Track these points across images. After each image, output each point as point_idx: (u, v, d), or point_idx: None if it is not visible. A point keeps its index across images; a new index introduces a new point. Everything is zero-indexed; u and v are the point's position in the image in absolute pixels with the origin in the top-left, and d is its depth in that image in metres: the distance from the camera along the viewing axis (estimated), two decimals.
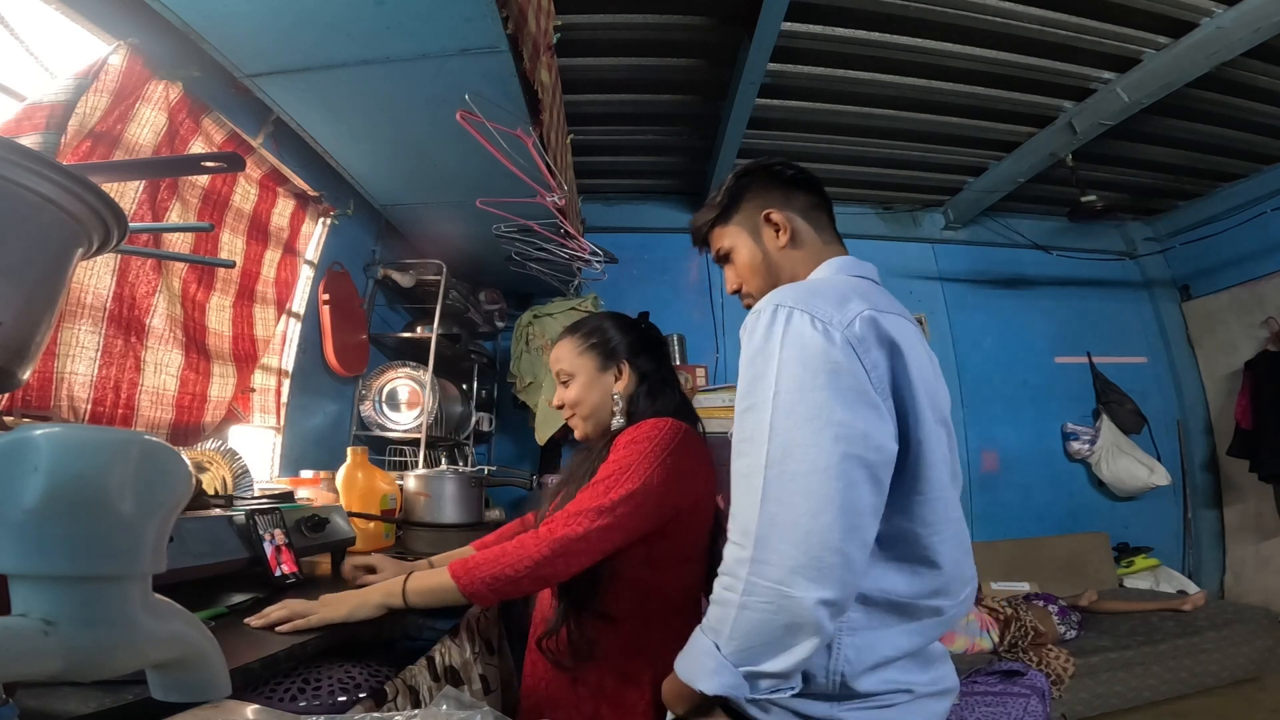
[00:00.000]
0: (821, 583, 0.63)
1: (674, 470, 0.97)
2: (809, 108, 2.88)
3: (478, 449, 3.34)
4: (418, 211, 2.42)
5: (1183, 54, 2.39)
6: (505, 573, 0.89)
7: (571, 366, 1.14)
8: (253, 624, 0.84)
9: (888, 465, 0.69)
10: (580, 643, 0.99)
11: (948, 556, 0.75)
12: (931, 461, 0.73)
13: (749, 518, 0.67)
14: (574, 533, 0.91)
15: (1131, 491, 3.69)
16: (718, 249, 0.98)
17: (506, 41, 1.44)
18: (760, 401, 0.69)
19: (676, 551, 1.03)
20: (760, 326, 0.72)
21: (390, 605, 0.92)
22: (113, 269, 1.34)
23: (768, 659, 0.66)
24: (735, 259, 0.95)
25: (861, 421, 0.67)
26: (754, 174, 0.94)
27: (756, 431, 0.69)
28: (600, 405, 1.12)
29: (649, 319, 1.21)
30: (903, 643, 0.74)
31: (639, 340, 1.16)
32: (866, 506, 0.66)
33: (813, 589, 0.63)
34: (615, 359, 1.12)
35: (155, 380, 1.45)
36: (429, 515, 1.65)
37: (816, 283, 0.76)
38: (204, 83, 1.55)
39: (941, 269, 3.97)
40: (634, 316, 1.21)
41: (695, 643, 0.73)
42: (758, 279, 0.93)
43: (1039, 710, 2.18)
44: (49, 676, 0.42)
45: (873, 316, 0.72)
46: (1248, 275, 3.58)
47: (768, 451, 0.67)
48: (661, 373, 1.14)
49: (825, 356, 0.68)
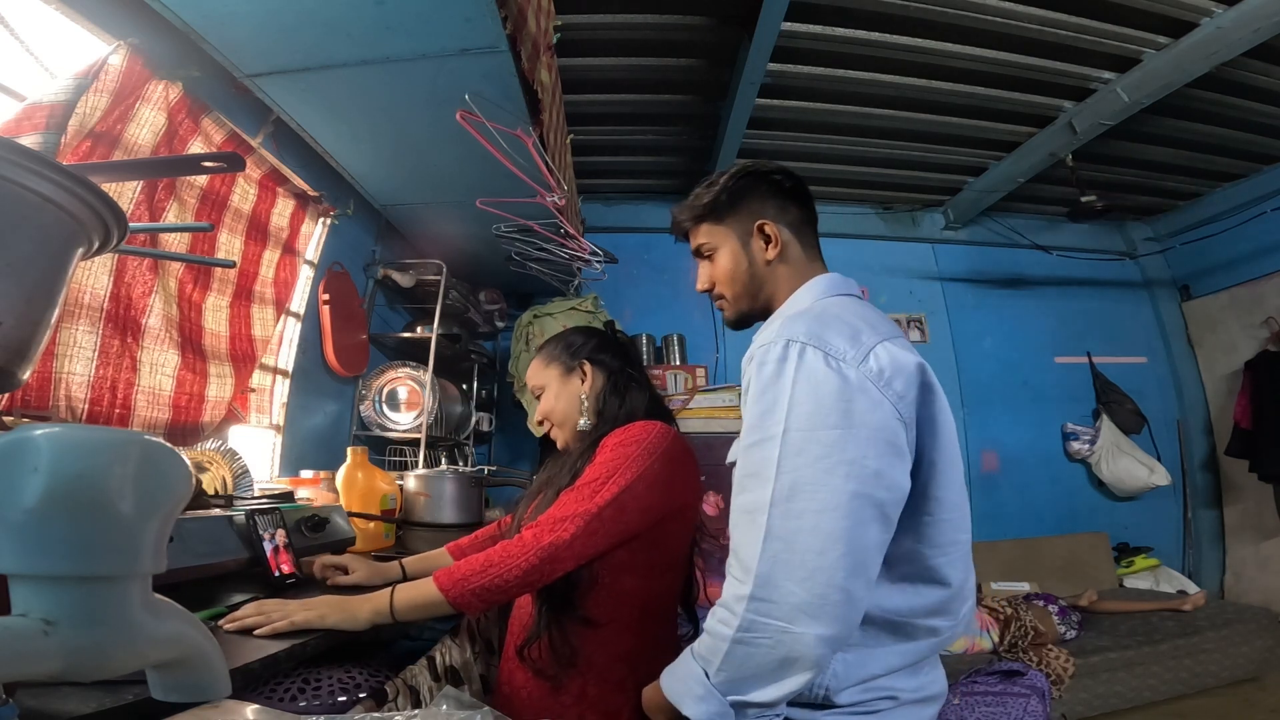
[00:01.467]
0: (824, 620, 0.63)
1: (661, 475, 0.97)
2: (809, 108, 2.88)
3: (478, 449, 3.34)
4: (418, 211, 2.42)
5: (1183, 54, 2.39)
6: (494, 583, 0.88)
7: (541, 380, 1.16)
8: (226, 628, 0.83)
9: (898, 504, 0.69)
10: (563, 649, 0.98)
11: (956, 576, 0.75)
12: (944, 483, 0.73)
13: (750, 555, 0.66)
14: (561, 539, 0.90)
15: (1131, 491, 3.69)
16: (700, 244, 0.94)
17: (506, 41, 1.44)
18: (768, 438, 0.68)
19: (658, 558, 1.02)
20: (771, 361, 0.71)
21: (379, 622, 0.90)
22: (109, 269, 1.34)
23: (757, 690, 0.66)
24: (717, 260, 0.93)
25: (874, 460, 0.66)
26: (754, 178, 0.92)
27: (763, 468, 0.68)
28: (570, 409, 1.13)
29: (615, 327, 1.24)
30: (894, 661, 0.74)
31: (600, 341, 1.17)
32: (873, 544, 0.66)
33: (814, 625, 0.63)
34: (576, 360, 1.14)
35: (151, 380, 1.45)
36: (429, 515, 1.64)
37: (825, 315, 0.75)
38: (204, 83, 1.55)
39: (941, 269, 3.97)
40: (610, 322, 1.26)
41: (684, 665, 0.73)
42: (735, 287, 0.91)
43: (1039, 710, 2.18)
44: (49, 676, 0.42)
45: (889, 347, 0.72)
46: (1248, 275, 3.58)
47: (774, 489, 0.66)
48: (628, 370, 1.15)
49: (839, 395, 0.67)
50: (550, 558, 0.89)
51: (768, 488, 0.66)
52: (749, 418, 0.73)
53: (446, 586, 0.89)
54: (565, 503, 0.94)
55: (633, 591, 1.00)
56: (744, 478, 0.71)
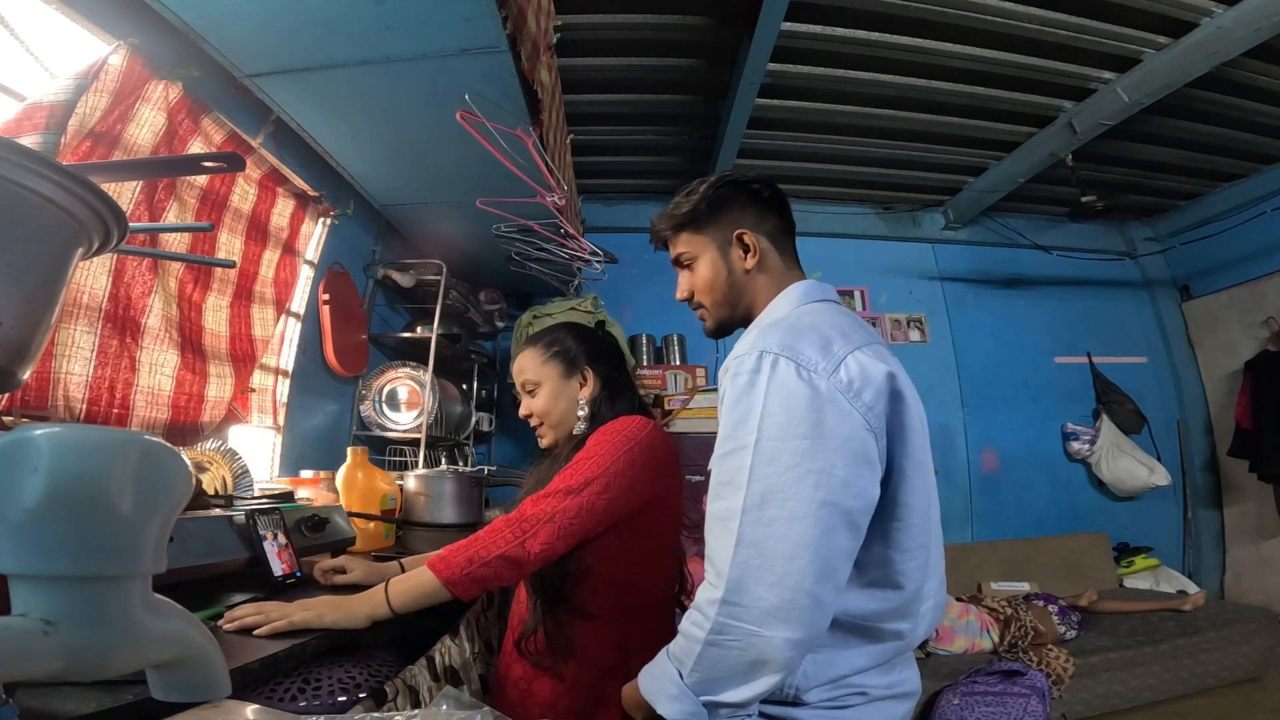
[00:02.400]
0: (793, 624, 0.65)
1: (643, 459, 1.00)
2: (809, 108, 2.88)
3: (478, 449, 3.34)
4: (418, 211, 2.42)
5: (1183, 54, 2.39)
6: (479, 554, 0.91)
7: (537, 376, 1.16)
8: (226, 628, 0.82)
9: (867, 511, 0.71)
10: (559, 641, 1.00)
11: (913, 581, 0.76)
12: (912, 489, 0.75)
13: (723, 560, 0.68)
14: (541, 512, 0.93)
15: (1131, 491, 3.69)
16: (680, 253, 0.94)
17: (506, 41, 1.44)
18: (741, 447, 0.70)
19: (650, 545, 1.05)
20: (745, 372, 0.73)
21: (377, 617, 0.91)
22: (109, 269, 1.34)
23: (728, 690, 0.69)
24: (696, 269, 0.93)
25: (842, 469, 0.68)
26: (733, 187, 0.92)
27: (736, 475, 0.70)
28: (568, 412, 1.14)
29: (604, 328, 1.26)
30: (861, 661, 0.75)
31: (597, 346, 1.18)
32: (842, 551, 0.69)
33: (783, 629, 0.65)
34: (578, 366, 1.15)
35: (150, 380, 1.44)
36: (429, 515, 1.64)
37: (799, 325, 0.76)
38: (204, 83, 1.55)
39: (941, 269, 3.97)
40: (591, 326, 1.26)
41: (659, 665, 0.75)
42: (714, 296, 0.92)
43: (1039, 710, 2.19)
44: (49, 676, 0.42)
45: (860, 357, 0.73)
46: (1248, 275, 3.58)
47: (745, 496, 0.68)
48: (620, 377, 1.17)
49: (810, 405, 0.69)
50: (531, 530, 0.93)
51: (740, 495, 0.69)
52: (724, 427, 0.74)
53: (436, 564, 0.92)
54: (553, 482, 0.98)
55: (627, 582, 1.03)
56: (718, 485, 0.73)
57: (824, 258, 3.37)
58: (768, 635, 0.65)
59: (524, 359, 1.18)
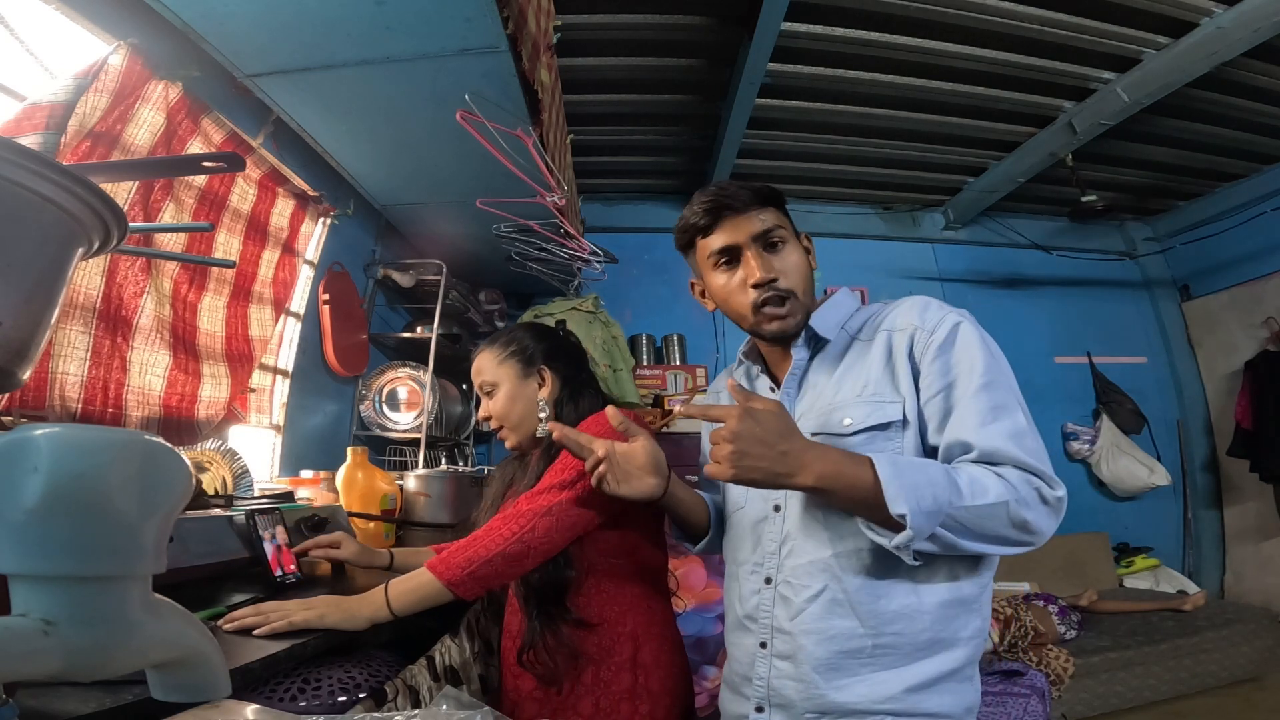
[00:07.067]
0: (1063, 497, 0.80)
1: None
2: (809, 108, 2.88)
3: (478, 449, 3.34)
4: (418, 211, 2.42)
5: (1183, 54, 2.39)
6: (479, 554, 0.91)
7: (494, 377, 1.13)
8: (226, 628, 0.82)
9: None
10: (564, 653, 0.99)
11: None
12: None
13: (1037, 445, 0.79)
14: (538, 507, 0.94)
15: (1131, 491, 3.69)
16: (771, 227, 0.89)
17: (506, 41, 1.44)
18: (1004, 373, 0.84)
19: (647, 527, 1.07)
20: (953, 325, 0.85)
21: (378, 619, 0.90)
22: (102, 269, 1.33)
23: (967, 541, 0.73)
24: (788, 253, 0.90)
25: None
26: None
27: (1009, 395, 0.82)
28: (527, 413, 1.12)
29: (565, 327, 1.26)
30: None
31: (554, 345, 1.16)
32: None
33: (1063, 504, 0.80)
34: (535, 365, 1.13)
35: (140, 380, 1.43)
36: (429, 515, 1.65)
37: (918, 299, 0.94)
38: (204, 83, 1.55)
39: (941, 269, 3.97)
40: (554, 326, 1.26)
41: (924, 471, 0.73)
42: (805, 285, 0.93)
43: (1039, 710, 2.18)
44: (49, 676, 0.42)
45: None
46: (1248, 275, 3.58)
47: (1019, 401, 0.82)
48: (581, 376, 1.16)
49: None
50: (530, 526, 0.93)
51: (1016, 401, 0.82)
52: (978, 364, 0.81)
53: (436, 566, 0.92)
54: (545, 478, 0.99)
55: (627, 573, 1.04)
56: (997, 403, 0.80)
57: (824, 258, 3.30)
58: (1060, 495, 0.78)
59: (481, 359, 1.15)
